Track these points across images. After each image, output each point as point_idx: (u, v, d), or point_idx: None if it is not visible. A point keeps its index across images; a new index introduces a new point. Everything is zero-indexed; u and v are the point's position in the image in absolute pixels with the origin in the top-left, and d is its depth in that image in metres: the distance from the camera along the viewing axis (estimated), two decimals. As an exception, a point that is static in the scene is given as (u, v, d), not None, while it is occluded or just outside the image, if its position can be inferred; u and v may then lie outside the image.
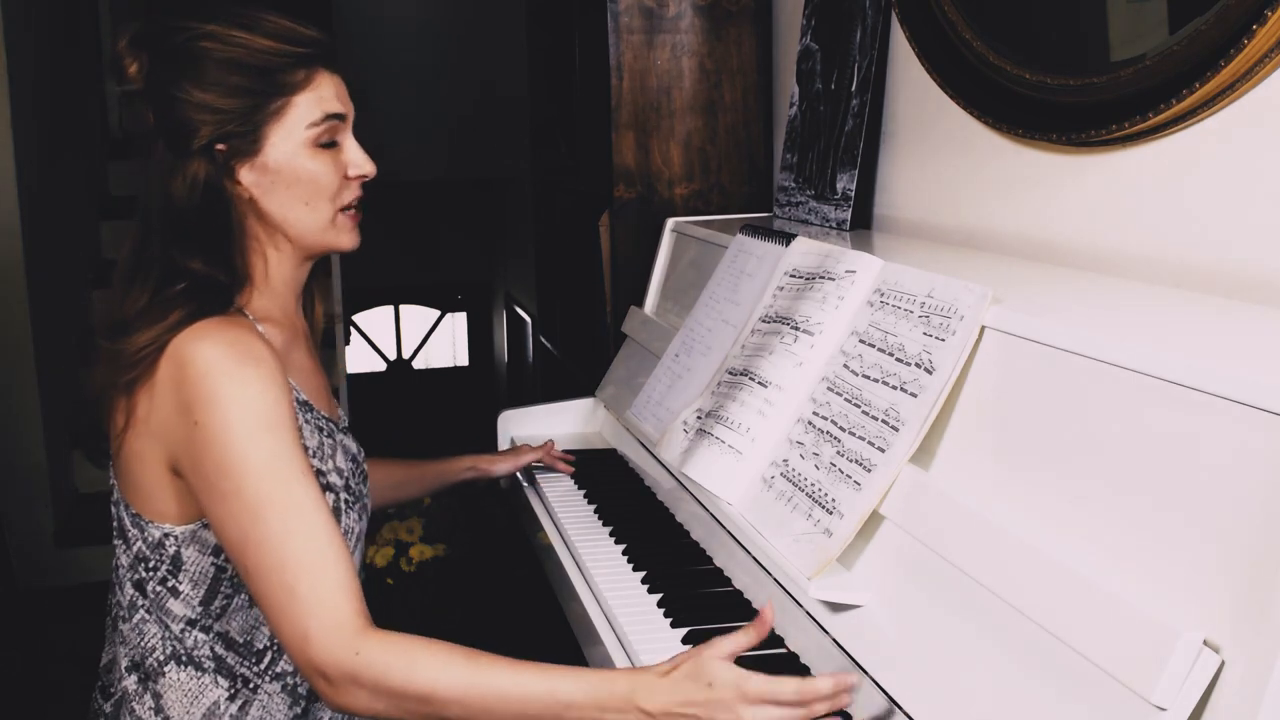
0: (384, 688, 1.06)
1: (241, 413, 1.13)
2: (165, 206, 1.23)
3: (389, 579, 3.31)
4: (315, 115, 1.25)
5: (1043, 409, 1.02)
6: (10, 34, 3.52)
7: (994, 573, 0.98)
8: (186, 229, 1.22)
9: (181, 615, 1.24)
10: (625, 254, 2.23)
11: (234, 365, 1.14)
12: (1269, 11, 1.06)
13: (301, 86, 1.25)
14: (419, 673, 1.06)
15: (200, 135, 1.21)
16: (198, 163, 1.22)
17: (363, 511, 1.36)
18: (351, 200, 1.30)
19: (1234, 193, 1.19)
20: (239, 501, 1.12)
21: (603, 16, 2.17)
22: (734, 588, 1.40)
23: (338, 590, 1.10)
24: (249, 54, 1.22)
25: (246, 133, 1.23)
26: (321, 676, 1.08)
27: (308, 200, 1.26)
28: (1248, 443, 0.80)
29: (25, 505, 3.66)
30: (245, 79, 1.22)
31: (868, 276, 1.33)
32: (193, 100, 1.21)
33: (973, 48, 1.53)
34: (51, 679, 3.15)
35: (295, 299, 1.35)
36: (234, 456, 1.12)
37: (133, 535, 1.24)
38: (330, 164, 1.27)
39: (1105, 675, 0.84)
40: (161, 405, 1.17)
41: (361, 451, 1.40)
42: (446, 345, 6.92)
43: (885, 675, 1.07)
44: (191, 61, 1.21)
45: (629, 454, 1.90)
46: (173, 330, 1.16)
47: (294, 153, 1.25)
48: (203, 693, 1.24)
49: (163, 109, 1.22)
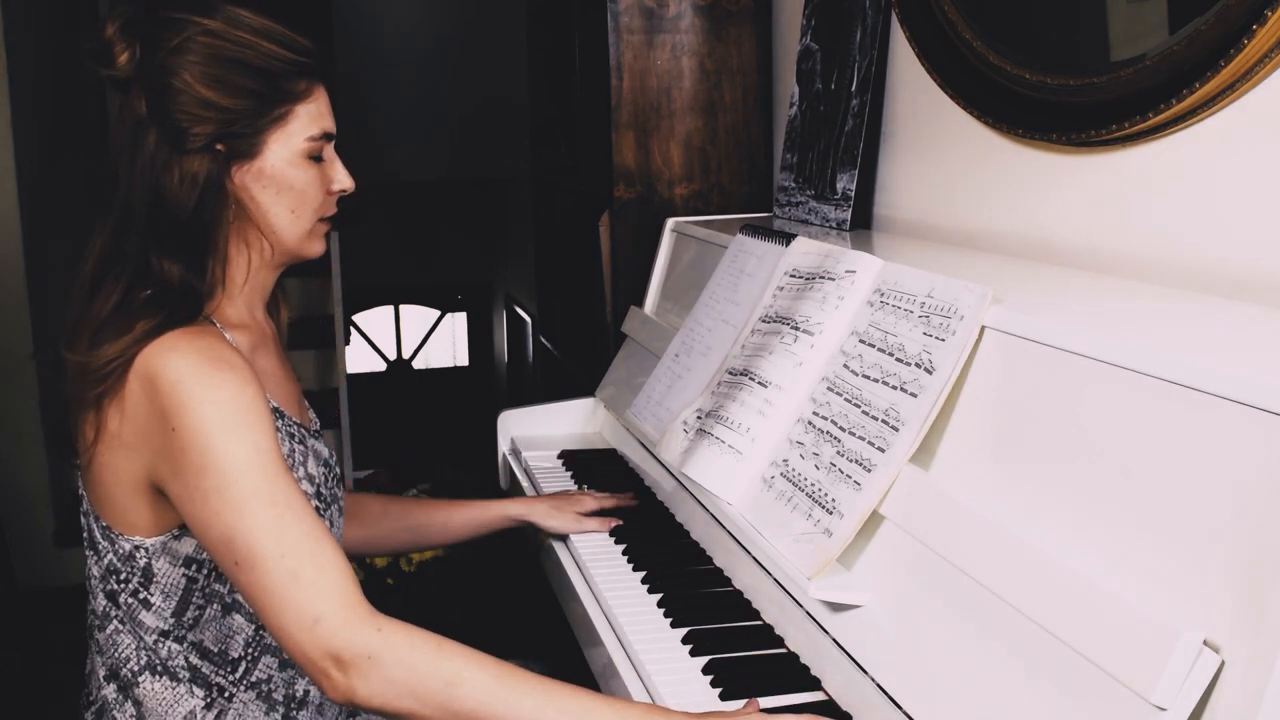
0: (407, 664, 1.04)
1: (218, 412, 1.12)
2: (154, 201, 1.20)
3: (389, 579, 3.31)
4: (314, 130, 1.26)
5: (1043, 409, 1.02)
6: (10, 33, 3.52)
7: (994, 573, 0.98)
8: (173, 227, 1.20)
9: (154, 627, 1.22)
10: (625, 254, 2.23)
11: (206, 370, 1.13)
12: (1269, 11, 1.06)
13: (303, 97, 1.25)
14: (446, 657, 1.05)
15: (201, 132, 1.19)
16: (198, 159, 1.20)
17: (337, 516, 1.36)
18: (330, 213, 1.31)
19: (1234, 193, 1.19)
20: (222, 498, 1.10)
21: (603, 16, 2.17)
22: (734, 588, 1.40)
23: (344, 576, 1.09)
24: (255, 55, 1.21)
25: (248, 135, 1.22)
26: (331, 659, 1.04)
27: (294, 209, 1.26)
28: (1247, 442, 0.80)
29: (25, 505, 3.66)
30: (251, 81, 1.21)
31: (868, 276, 1.33)
32: (195, 95, 1.18)
33: (973, 48, 1.53)
34: (51, 679, 3.15)
35: (264, 304, 1.34)
36: (215, 455, 1.11)
37: (103, 547, 1.22)
38: (317, 177, 1.28)
39: (1105, 675, 0.84)
40: (134, 418, 1.15)
41: (334, 455, 1.39)
42: (446, 345, 6.92)
43: (885, 675, 1.07)
44: (195, 56, 1.19)
45: (629, 454, 1.90)
46: (139, 342, 1.14)
47: (289, 161, 1.25)
48: (178, 702, 1.23)
49: (159, 100, 1.19)
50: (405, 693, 1.04)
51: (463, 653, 1.06)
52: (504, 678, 1.05)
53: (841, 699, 1.13)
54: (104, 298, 1.19)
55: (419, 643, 1.06)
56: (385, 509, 1.61)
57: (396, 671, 1.04)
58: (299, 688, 1.29)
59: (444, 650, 1.06)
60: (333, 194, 1.31)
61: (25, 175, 3.61)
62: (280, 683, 1.28)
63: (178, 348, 1.14)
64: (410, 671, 1.04)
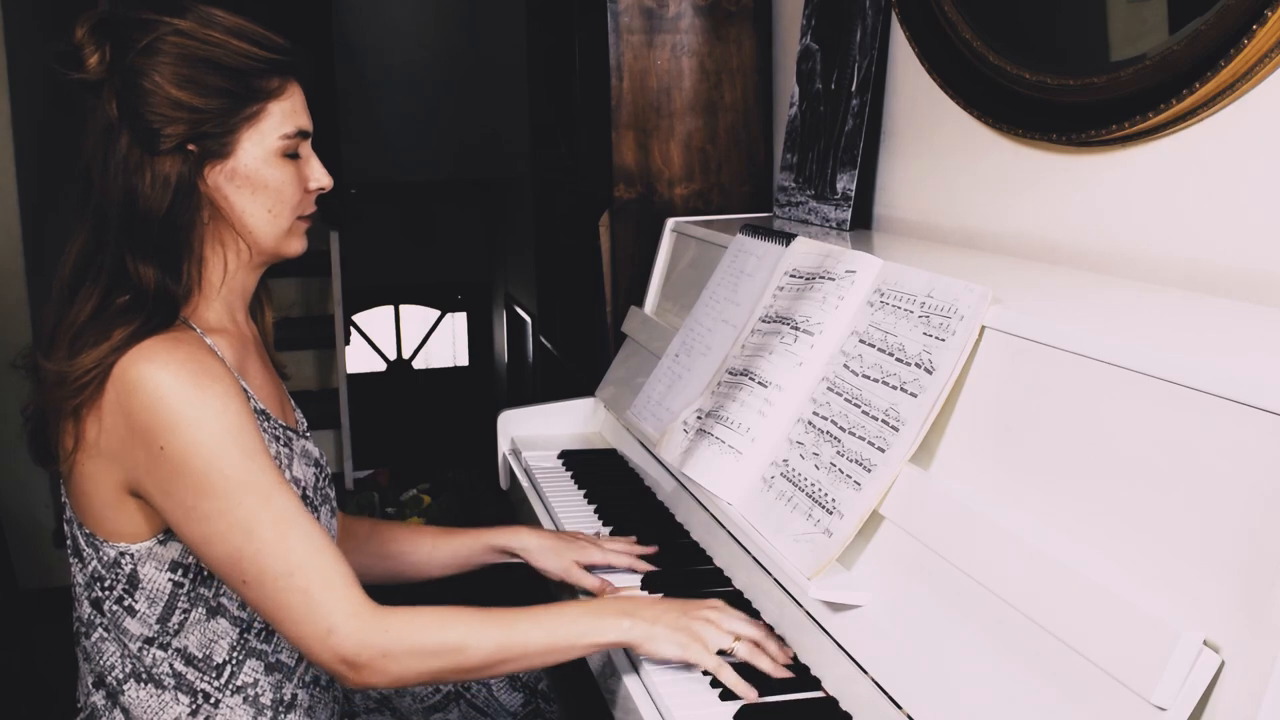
0: (419, 648, 1.14)
1: (208, 433, 1.12)
2: (127, 203, 1.18)
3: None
4: (288, 128, 1.24)
5: (1042, 409, 1.02)
6: (11, 34, 3.52)
7: (994, 572, 0.98)
8: (147, 229, 1.18)
9: (139, 634, 1.22)
10: (625, 254, 2.23)
11: (189, 385, 1.12)
12: (1269, 11, 1.06)
13: (275, 94, 1.23)
14: (450, 626, 1.15)
15: (173, 133, 1.18)
16: (170, 160, 1.18)
17: (329, 516, 1.36)
18: (309, 211, 1.31)
19: (1235, 193, 1.19)
20: (225, 520, 1.12)
21: (603, 16, 2.17)
22: (734, 587, 1.40)
23: (347, 583, 1.15)
24: (226, 54, 1.20)
25: (220, 134, 1.20)
26: (346, 664, 1.13)
27: (271, 207, 1.25)
28: (1248, 442, 0.80)
29: (25, 505, 3.66)
30: (223, 80, 1.19)
31: (868, 276, 1.33)
32: (167, 96, 1.17)
33: (973, 47, 1.53)
34: (51, 679, 3.15)
35: (245, 307, 1.33)
36: (212, 478, 1.11)
37: (87, 554, 1.22)
38: (294, 175, 1.26)
39: (1105, 675, 0.84)
40: (112, 429, 1.14)
41: (324, 455, 1.39)
42: (446, 345, 6.92)
43: (885, 675, 1.07)
44: (165, 56, 1.18)
45: (629, 454, 1.90)
46: (117, 351, 1.13)
47: (263, 160, 1.23)
48: (163, 710, 1.23)
49: (130, 102, 1.17)
50: (421, 670, 1.15)
51: (464, 617, 1.16)
52: (502, 623, 1.17)
53: (842, 699, 1.13)
54: (81, 301, 1.19)
55: (424, 624, 1.15)
56: (371, 533, 1.55)
57: (409, 659, 1.14)
58: (286, 691, 1.28)
59: (447, 622, 1.16)
60: (310, 192, 1.29)
61: (25, 176, 3.61)
62: (267, 686, 1.26)
63: (157, 358, 1.13)
64: (422, 653, 1.14)
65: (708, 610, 1.21)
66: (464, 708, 1.51)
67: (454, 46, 5.64)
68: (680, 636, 1.18)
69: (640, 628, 1.18)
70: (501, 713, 1.53)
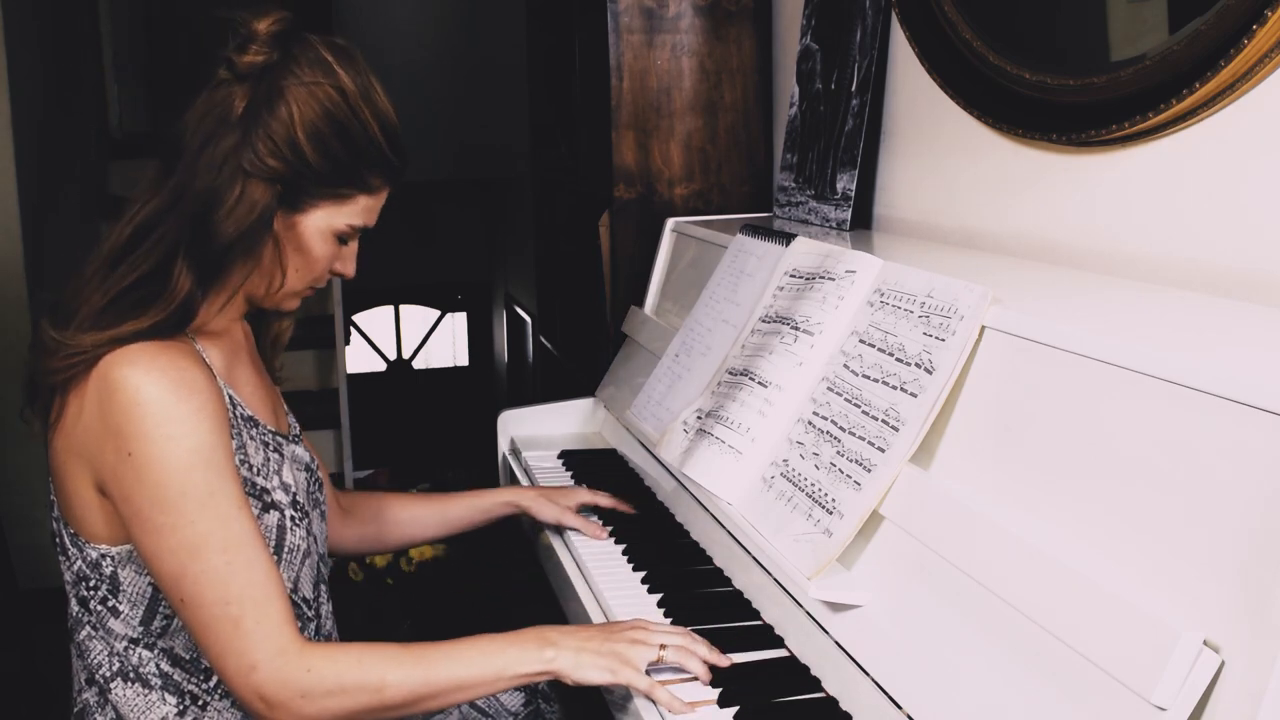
0: (337, 687, 1.12)
1: (176, 448, 1.12)
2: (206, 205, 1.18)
3: (389, 579, 3.31)
4: (359, 221, 1.28)
5: (1042, 409, 1.02)
6: (11, 34, 3.52)
7: (994, 572, 0.98)
8: (211, 240, 1.18)
9: (123, 634, 1.22)
10: (625, 254, 2.23)
11: (168, 395, 1.12)
12: (1269, 11, 1.06)
13: (371, 191, 1.27)
14: (368, 665, 1.13)
15: (271, 165, 1.19)
16: (261, 188, 1.19)
17: (319, 521, 1.36)
18: (320, 286, 1.33)
19: (1235, 193, 1.19)
20: (176, 537, 1.12)
21: (603, 16, 2.17)
22: (734, 588, 1.40)
23: (282, 621, 1.14)
24: (362, 134, 1.23)
25: (307, 192, 1.22)
26: (263, 701, 1.12)
27: (299, 270, 1.27)
28: (1248, 442, 0.80)
29: (25, 505, 3.66)
30: (343, 151, 1.22)
31: (868, 276, 1.33)
32: (289, 133, 1.18)
33: (973, 47, 1.53)
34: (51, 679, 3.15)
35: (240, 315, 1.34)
36: (171, 493, 1.12)
37: (72, 554, 1.22)
38: (333, 254, 1.29)
39: (1105, 675, 0.84)
40: (90, 420, 1.15)
41: (315, 460, 1.39)
42: (446, 345, 6.92)
43: (885, 675, 1.07)
44: (314, 101, 1.19)
45: (629, 454, 1.90)
46: (114, 343, 1.14)
47: (321, 233, 1.26)
48: (150, 709, 1.23)
49: (256, 114, 1.18)
50: (338, 710, 1.13)
51: (383, 656, 1.14)
52: (421, 660, 1.15)
53: (842, 699, 1.13)
54: (116, 280, 1.18)
55: (343, 665, 1.13)
56: (381, 505, 1.61)
57: (325, 699, 1.12)
58: None
59: (365, 661, 1.14)
60: (334, 273, 1.32)
61: (25, 176, 3.61)
62: None
63: (139, 362, 1.13)
64: (340, 694, 1.12)
65: (630, 630, 1.19)
66: (464, 708, 1.51)
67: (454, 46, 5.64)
68: (607, 661, 1.16)
69: (565, 657, 1.16)
70: (502, 713, 1.53)
